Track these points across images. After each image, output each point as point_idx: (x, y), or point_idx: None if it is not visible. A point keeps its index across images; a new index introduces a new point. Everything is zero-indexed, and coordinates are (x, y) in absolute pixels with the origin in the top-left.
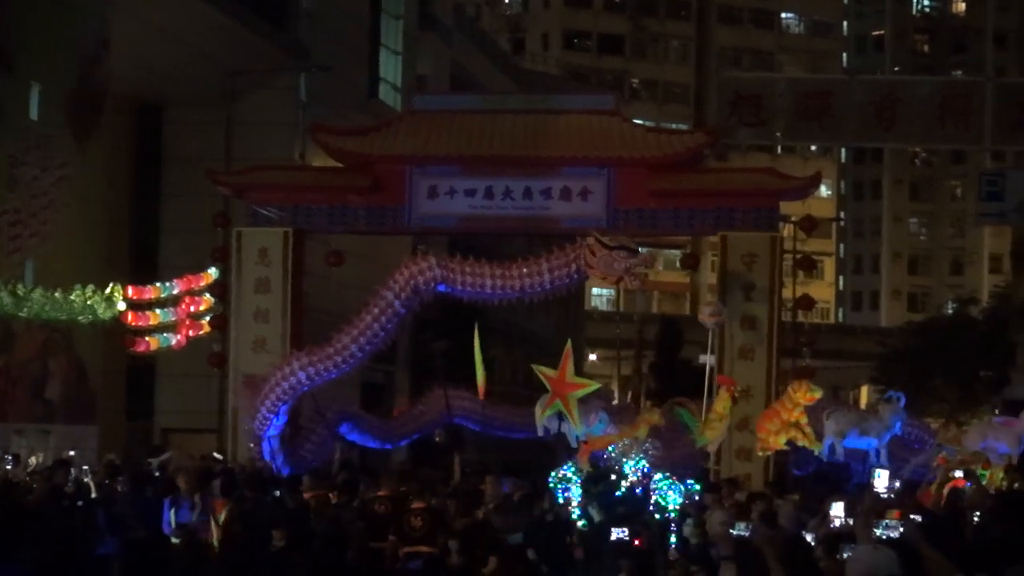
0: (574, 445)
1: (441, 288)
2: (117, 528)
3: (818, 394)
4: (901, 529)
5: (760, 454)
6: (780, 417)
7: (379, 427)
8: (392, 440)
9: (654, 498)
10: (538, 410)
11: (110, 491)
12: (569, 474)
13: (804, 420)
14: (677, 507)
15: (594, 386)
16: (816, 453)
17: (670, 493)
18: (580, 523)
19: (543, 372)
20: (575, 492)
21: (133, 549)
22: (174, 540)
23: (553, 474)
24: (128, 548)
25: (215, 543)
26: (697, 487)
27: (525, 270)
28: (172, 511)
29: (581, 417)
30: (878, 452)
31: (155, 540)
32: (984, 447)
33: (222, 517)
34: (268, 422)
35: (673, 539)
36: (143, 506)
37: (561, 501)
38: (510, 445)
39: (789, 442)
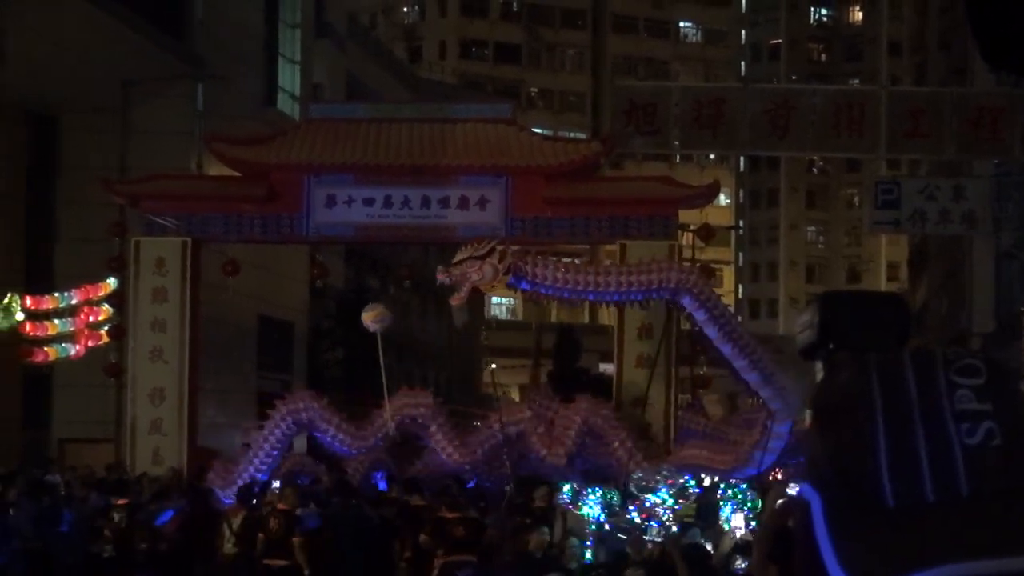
0: None
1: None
2: (10, 537)
3: None
4: None
5: None
6: None
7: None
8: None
9: None
10: None
11: (2, 501)
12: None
13: None
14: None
15: None
16: None
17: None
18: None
19: None
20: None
21: (26, 559)
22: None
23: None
24: (20, 558)
25: (225, 551)
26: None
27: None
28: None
29: None
30: None
31: (48, 550)
32: None
33: (236, 524)
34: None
35: None
36: (39, 516)
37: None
38: None
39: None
